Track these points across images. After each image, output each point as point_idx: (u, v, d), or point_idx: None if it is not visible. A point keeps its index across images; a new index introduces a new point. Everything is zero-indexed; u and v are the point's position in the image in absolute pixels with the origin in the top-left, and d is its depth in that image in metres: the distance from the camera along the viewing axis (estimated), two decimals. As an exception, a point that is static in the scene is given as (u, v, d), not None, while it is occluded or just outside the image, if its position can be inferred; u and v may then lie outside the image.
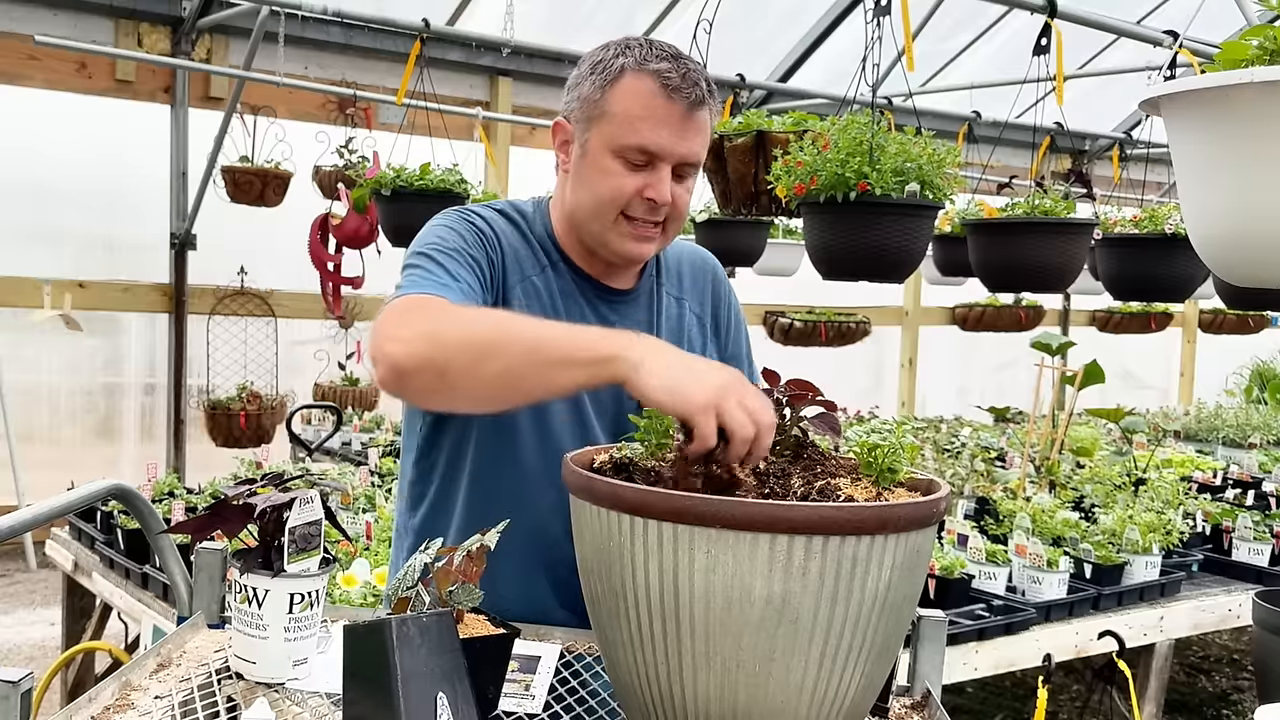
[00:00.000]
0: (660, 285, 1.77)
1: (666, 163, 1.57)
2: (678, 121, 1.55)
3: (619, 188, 1.57)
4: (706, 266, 1.86)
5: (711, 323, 1.82)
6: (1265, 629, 2.03)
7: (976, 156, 5.32)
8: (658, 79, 1.54)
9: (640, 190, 1.57)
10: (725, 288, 1.87)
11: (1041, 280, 3.22)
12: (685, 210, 1.64)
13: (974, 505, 3.85)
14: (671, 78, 1.54)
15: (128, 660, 2.01)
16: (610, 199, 1.58)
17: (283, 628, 1.37)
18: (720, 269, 1.89)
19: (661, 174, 1.57)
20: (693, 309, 1.80)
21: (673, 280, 1.79)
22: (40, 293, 5.88)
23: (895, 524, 1.05)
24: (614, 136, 1.56)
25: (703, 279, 1.83)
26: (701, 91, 1.56)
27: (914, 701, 1.45)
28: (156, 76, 6.35)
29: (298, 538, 1.38)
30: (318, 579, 1.41)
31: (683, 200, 1.62)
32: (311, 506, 1.40)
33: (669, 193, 1.57)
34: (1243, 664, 5.16)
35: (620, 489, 1.09)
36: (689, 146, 1.58)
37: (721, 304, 1.85)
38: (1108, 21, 3.81)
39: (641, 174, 1.57)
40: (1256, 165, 1.12)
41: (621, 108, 1.56)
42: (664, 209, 1.59)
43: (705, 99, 1.57)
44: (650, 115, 1.54)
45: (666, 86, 1.54)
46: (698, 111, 1.57)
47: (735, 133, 3.07)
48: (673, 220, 1.63)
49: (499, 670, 1.28)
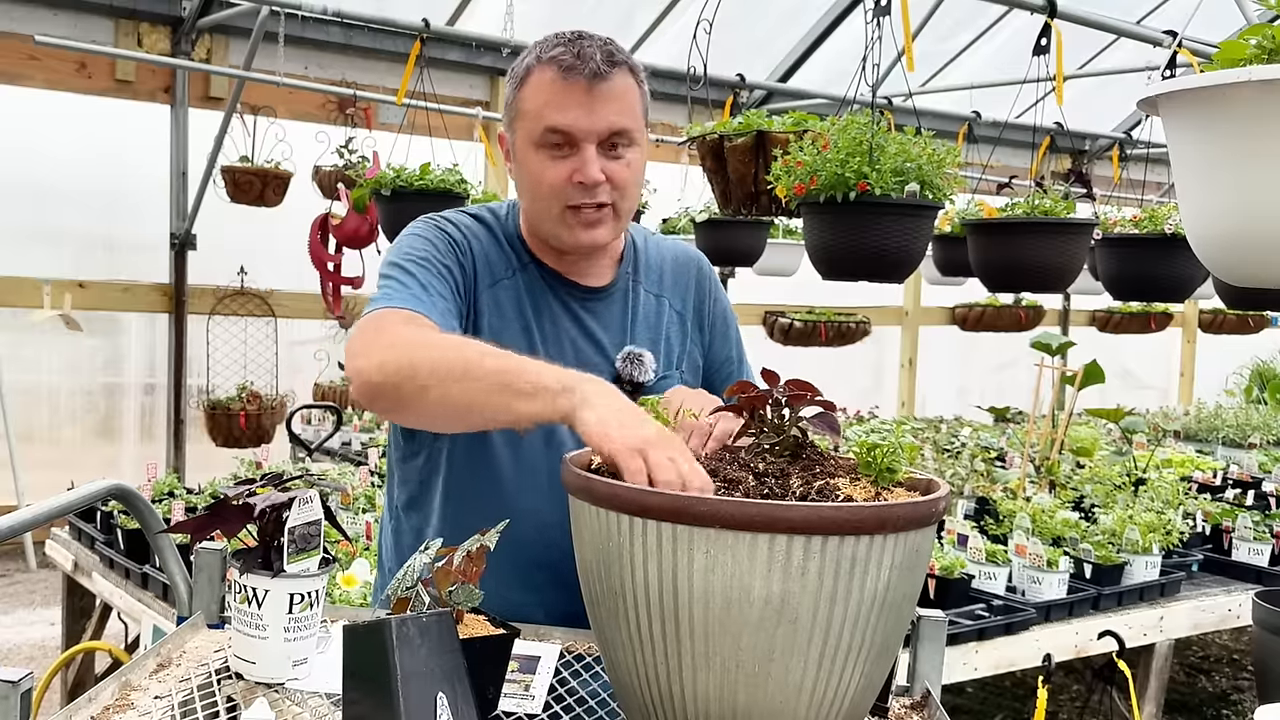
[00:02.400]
0: (637, 281, 1.76)
1: (587, 141, 1.57)
2: (582, 97, 1.56)
3: (549, 179, 1.59)
4: (690, 264, 1.84)
5: (694, 319, 1.81)
6: (1265, 629, 2.03)
7: (976, 156, 5.31)
8: (554, 64, 1.56)
9: (570, 176, 1.58)
10: (710, 285, 1.85)
11: (1041, 280, 3.22)
12: (629, 184, 1.62)
13: (974, 505, 3.85)
14: (565, 58, 1.56)
15: (128, 660, 2.01)
16: (546, 193, 1.61)
17: (282, 628, 1.37)
18: (706, 266, 1.87)
19: (585, 154, 1.57)
20: (673, 306, 1.79)
21: (652, 277, 1.78)
22: (40, 293, 5.88)
23: (894, 524, 1.05)
24: (530, 131, 1.60)
25: (685, 276, 1.82)
26: (598, 64, 1.56)
27: (914, 701, 1.45)
28: (156, 76, 6.35)
29: (297, 538, 1.38)
30: (317, 579, 1.41)
31: (621, 174, 1.60)
32: (311, 506, 1.40)
33: (597, 171, 1.57)
34: (1243, 664, 5.16)
35: (620, 489, 1.09)
36: (602, 119, 1.57)
37: (706, 300, 1.83)
38: (1107, 21, 3.81)
39: (567, 160, 1.58)
40: (1255, 164, 1.12)
41: (531, 103, 1.59)
42: (600, 189, 1.59)
43: (605, 70, 1.56)
44: (554, 99, 1.57)
45: (562, 67, 1.56)
46: (601, 83, 1.56)
47: (735, 133, 3.07)
48: (621, 198, 1.62)
49: (499, 670, 1.28)
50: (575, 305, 1.71)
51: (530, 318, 1.67)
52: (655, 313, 1.76)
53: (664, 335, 1.75)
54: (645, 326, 1.74)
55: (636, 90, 1.62)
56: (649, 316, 1.75)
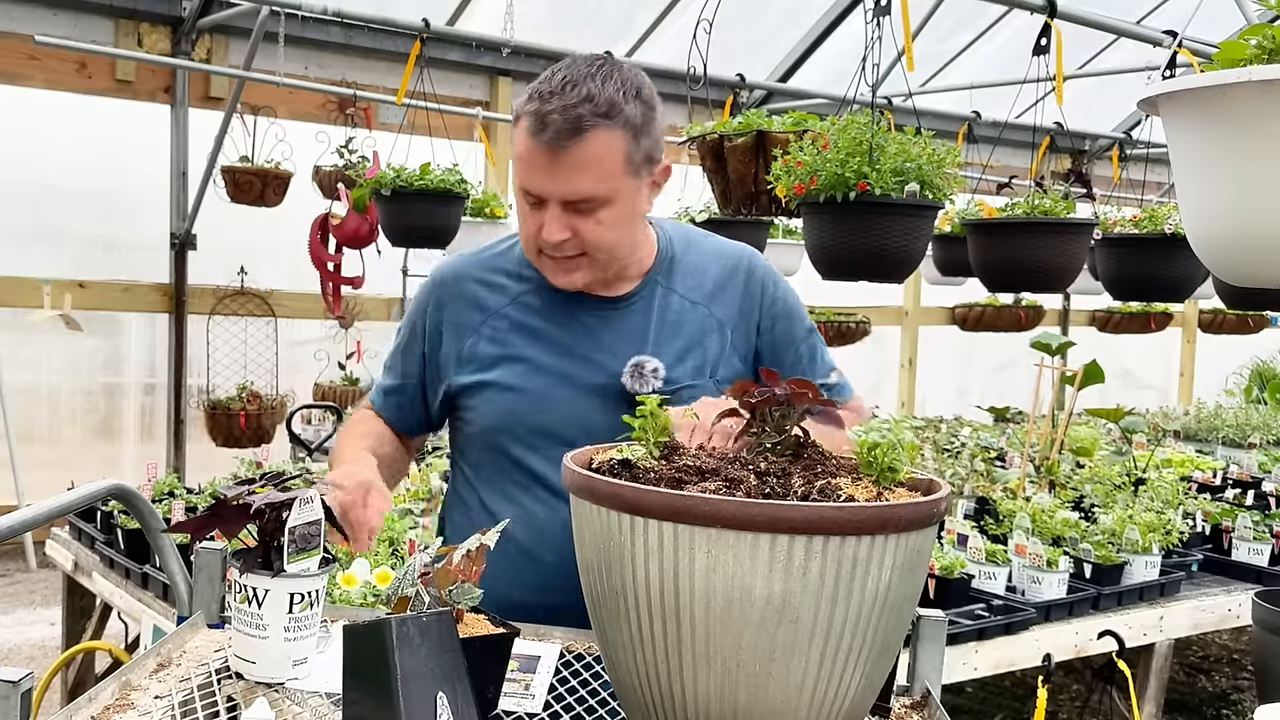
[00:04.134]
0: (669, 289, 1.73)
1: (551, 201, 1.58)
2: (544, 162, 1.56)
3: (526, 227, 1.64)
4: (739, 266, 1.78)
5: (740, 325, 1.75)
6: (1265, 629, 2.04)
7: (976, 156, 5.31)
8: (528, 119, 1.56)
9: (538, 229, 1.61)
10: (765, 283, 1.78)
11: (1041, 280, 3.22)
12: (602, 241, 1.61)
13: (974, 505, 3.85)
14: (533, 121, 1.55)
15: (128, 660, 2.01)
16: (525, 238, 1.67)
17: (283, 627, 1.37)
18: (758, 264, 1.80)
19: (550, 213, 1.59)
20: (714, 313, 1.74)
21: (689, 282, 1.74)
22: (40, 293, 5.88)
23: (895, 524, 1.05)
24: (516, 177, 1.64)
25: (733, 279, 1.76)
26: (556, 134, 1.52)
27: (914, 701, 1.45)
28: (156, 76, 6.35)
29: (297, 537, 1.38)
30: (318, 579, 1.41)
31: (590, 232, 1.60)
32: (311, 506, 1.40)
33: (556, 232, 1.59)
34: (1242, 664, 5.16)
35: (621, 488, 1.09)
36: (563, 186, 1.56)
37: (759, 302, 1.77)
38: (1107, 21, 3.82)
39: (538, 213, 1.60)
40: (1255, 164, 1.12)
41: (515, 151, 1.62)
42: (567, 245, 1.60)
43: (564, 143, 1.53)
44: (525, 158, 1.58)
45: (529, 131, 1.56)
46: (563, 153, 1.53)
47: (735, 133, 3.07)
48: (595, 250, 1.62)
49: (499, 670, 1.28)
50: (588, 317, 1.70)
51: (543, 337, 1.70)
52: (690, 319, 1.72)
53: (698, 342, 1.71)
54: (673, 334, 1.71)
55: (620, 147, 1.56)
56: (679, 324, 1.71)
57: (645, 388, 1.65)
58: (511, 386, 1.70)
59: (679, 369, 1.68)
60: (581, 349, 1.69)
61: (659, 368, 1.67)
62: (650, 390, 1.65)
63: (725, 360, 1.72)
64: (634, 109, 1.57)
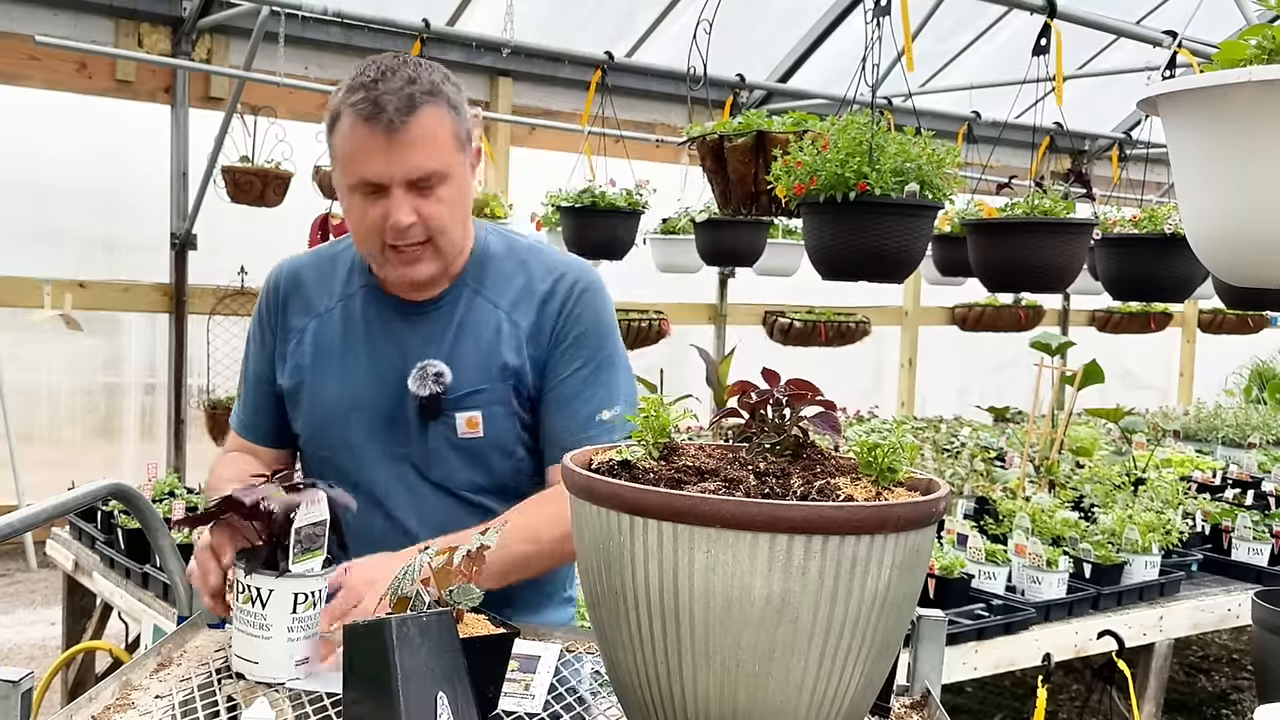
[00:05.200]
0: (477, 291, 1.72)
1: (394, 186, 1.58)
2: (381, 146, 1.56)
3: (365, 223, 1.62)
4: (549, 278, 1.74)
5: (532, 336, 1.71)
6: (1265, 629, 2.04)
7: (976, 156, 5.31)
8: (354, 112, 1.56)
9: (382, 219, 1.59)
10: (566, 295, 1.73)
11: (1041, 280, 3.22)
12: (445, 220, 1.62)
13: (974, 505, 3.85)
14: (363, 107, 1.55)
15: (128, 660, 2.01)
16: (365, 235, 1.64)
17: (286, 628, 1.37)
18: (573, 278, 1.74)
19: (394, 199, 1.58)
20: (513, 318, 1.72)
21: (497, 287, 1.73)
22: (40, 293, 5.88)
23: (895, 523, 1.05)
24: (342, 177, 1.62)
25: (539, 289, 1.73)
26: (392, 114, 1.54)
27: (913, 701, 1.46)
28: (156, 76, 6.35)
29: (303, 538, 1.38)
30: (321, 579, 1.41)
31: (434, 213, 1.60)
32: (318, 507, 1.40)
33: (405, 214, 1.58)
34: (1242, 664, 5.16)
35: (621, 489, 1.09)
36: (403, 165, 1.57)
37: (557, 319, 1.72)
38: (1107, 21, 3.82)
39: (379, 203, 1.59)
40: (1255, 164, 1.12)
41: (340, 150, 1.61)
42: (413, 229, 1.60)
43: (401, 120, 1.54)
44: (357, 149, 1.57)
45: (360, 117, 1.56)
46: (399, 130, 1.55)
47: (735, 133, 3.07)
48: (439, 234, 1.62)
49: (499, 670, 1.28)
50: (399, 321, 1.72)
51: (354, 341, 1.73)
52: (490, 324, 1.71)
53: (494, 349, 1.70)
54: (472, 338, 1.70)
55: (449, 123, 1.60)
56: (479, 328, 1.70)
57: (425, 390, 1.67)
58: (318, 392, 1.74)
59: (468, 374, 1.68)
60: (386, 355, 1.71)
61: (442, 371, 1.68)
62: (429, 393, 1.67)
63: (519, 370, 1.70)
64: (451, 89, 1.62)
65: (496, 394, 1.69)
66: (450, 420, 1.68)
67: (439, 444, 1.69)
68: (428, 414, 1.68)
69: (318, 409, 1.75)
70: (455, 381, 1.68)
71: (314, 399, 1.75)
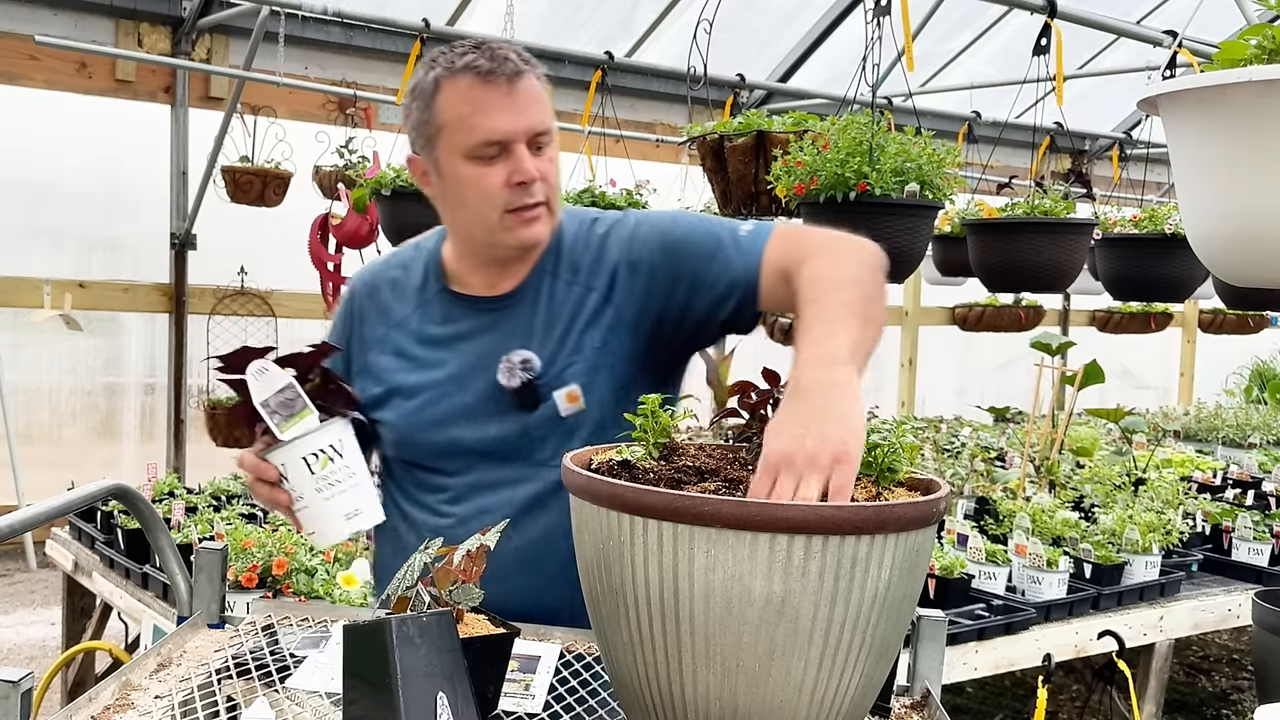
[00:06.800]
0: (556, 276, 1.68)
1: (517, 143, 1.57)
2: (505, 100, 1.55)
3: (486, 188, 1.58)
4: (594, 230, 1.71)
5: (608, 283, 1.65)
6: (1265, 629, 2.03)
7: (976, 156, 5.31)
8: (469, 72, 1.55)
9: (506, 180, 1.57)
10: (617, 232, 1.69)
11: (1041, 280, 3.23)
12: (557, 181, 1.63)
13: (974, 505, 3.85)
14: (480, 64, 1.55)
15: (128, 660, 2.01)
16: (484, 202, 1.59)
17: (315, 490, 1.37)
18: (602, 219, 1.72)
19: (518, 154, 1.57)
20: (591, 285, 1.67)
21: (567, 264, 1.69)
22: (40, 293, 5.88)
23: (895, 524, 1.05)
24: (457, 143, 1.58)
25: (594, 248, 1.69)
26: (514, 64, 1.56)
27: (914, 701, 1.45)
28: (156, 76, 6.35)
29: (276, 407, 1.37)
30: (320, 434, 1.39)
31: (549, 171, 1.61)
32: (269, 375, 1.38)
33: (532, 169, 1.57)
34: (1243, 664, 5.16)
35: (621, 489, 1.09)
36: (529, 118, 1.57)
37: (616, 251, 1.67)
38: (1107, 21, 3.82)
39: (499, 164, 1.57)
40: (1255, 164, 1.12)
41: (452, 114, 1.57)
42: (537, 187, 1.58)
43: (521, 69, 1.57)
44: (479, 107, 1.55)
45: (479, 73, 1.55)
46: (519, 83, 1.56)
47: (735, 133, 3.07)
48: (552, 194, 1.62)
49: (499, 670, 1.28)
50: (480, 318, 1.69)
51: (436, 346, 1.69)
52: (571, 303, 1.67)
53: (577, 325, 1.65)
54: (555, 319, 1.66)
55: (546, 90, 1.63)
56: (562, 310, 1.66)
57: (515, 381, 1.62)
58: (410, 398, 1.69)
59: (556, 352, 1.64)
60: (471, 355, 1.67)
61: (529, 359, 1.62)
62: (520, 383, 1.61)
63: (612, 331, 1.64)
64: (540, 69, 1.63)
65: (590, 362, 1.63)
66: (550, 403, 1.63)
67: (542, 429, 1.63)
68: (525, 403, 1.62)
69: (404, 419, 1.69)
70: (545, 364, 1.63)
71: (400, 409, 1.70)
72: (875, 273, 1.52)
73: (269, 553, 2.90)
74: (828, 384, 1.20)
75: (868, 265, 1.53)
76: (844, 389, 1.19)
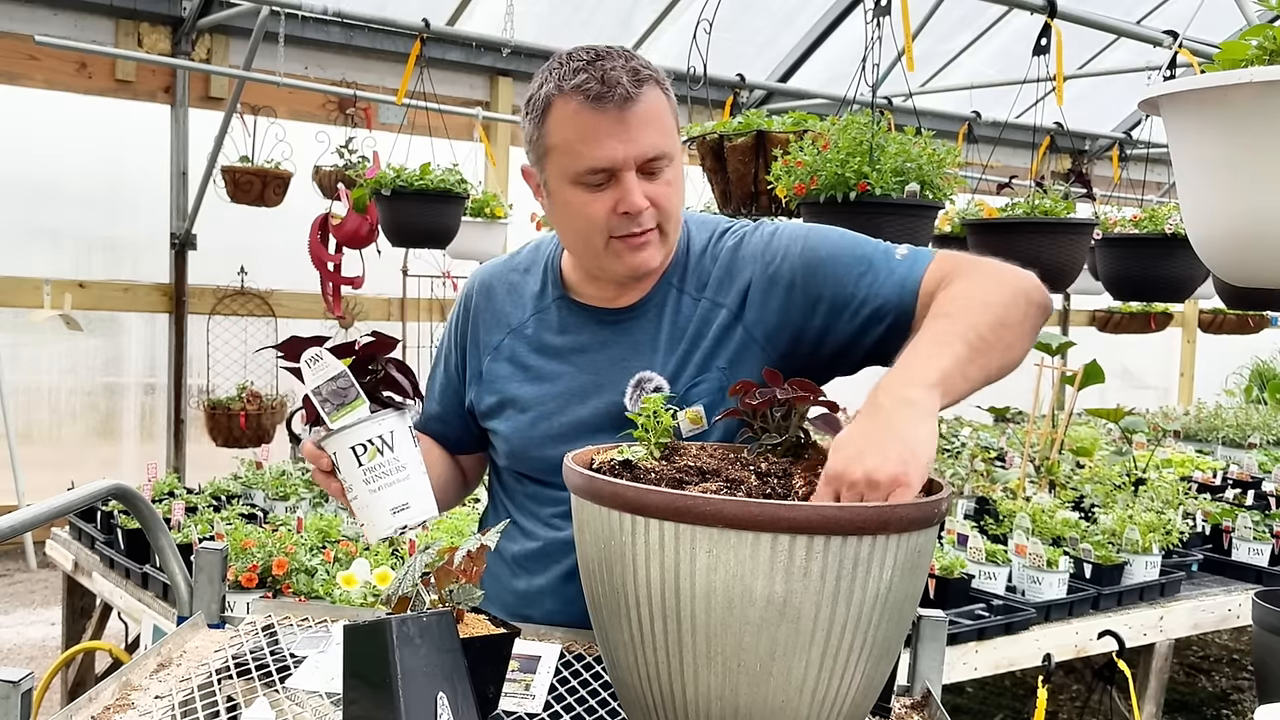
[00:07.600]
0: (682, 290, 1.60)
1: (626, 170, 1.48)
2: (615, 127, 1.46)
3: (592, 215, 1.50)
4: (723, 241, 1.63)
5: (739, 300, 1.57)
6: (1265, 629, 2.03)
7: (976, 156, 5.32)
8: (579, 94, 1.46)
9: (613, 208, 1.49)
10: (750, 245, 1.60)
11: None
12: (673, 205, 1.53)
13: (974, 505, 3.85)
14: (591, 86, 1.45)
15: (128, 660, 2.01)
16: (589, 229, 1.52)
17: (362, 482, 1.35)
18: (733, 230, 1.64)
19: (627, 184, 1.48)
20: (720, 301, 1.58)
21: (694, 278, 1.62)
22: (40, 293, 5.89)
23: (896, 524, 1.05)
24: (565, 168, 1.50)
25: (723, 262, 1.61)
26: (626, 88, 1.45)
27: (914, 701, 1.45)
28: (156, 76, 6.35)
29: (327, 396, 1.35)
30: (371, 424, 1.36)
31: (664, 196, 1.51)
32: (323, 364, 1.36)
33: (641, 199, 1.48)
34: (1243, 664, 5.16)
35: (623, 489, 1.09)
36: (640, 145, 1.47)
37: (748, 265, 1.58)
38: (1108, 21, 3.82)
39: (607, 192, 1.49)
40: (1256, 164, 1.12)
41: (560, 138, 1.49)
42: (645, 215, 1.50)
43: (633, 92, 1.46)
44: (587, 134, 1.46)
45: (589, 97, 1.45)
46: (632, 107, 1.46)
47: (735, 133, 3.07)
48: (665, 220, 1.53)
49: (499, 670, 1.28)
50: (601, 331, 1.61)
51: (554, 357, 1.62)
52: (697, 319, 1.58)
53: (703, 343, 1.57)
54: (671, 336, 1.59)
55: (666, 103, 1.52)
56: (685, 327, 1.59)
57: (634, 405, 1.55)
58: (525, 411, 1.63)
59: (682, 372, 1.57)
60: (592, 369, 1.60)
61: (661, 385, 1.56)
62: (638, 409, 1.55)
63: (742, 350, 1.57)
64: (659, 71, 1.53)
65: (715, 383, 1.56)
66: None
67: None
68: None
69: (518, 432, 1.64)
70: (668, 383, 1.57)
71: (513, 421, 1.64)
72: (1018, 302, 1.42)
73: (269, 553, 2.90)
74: (900, 403, 1.19)
75: (1010, 292, 1.42)
76: (915, 409, 1.18)
